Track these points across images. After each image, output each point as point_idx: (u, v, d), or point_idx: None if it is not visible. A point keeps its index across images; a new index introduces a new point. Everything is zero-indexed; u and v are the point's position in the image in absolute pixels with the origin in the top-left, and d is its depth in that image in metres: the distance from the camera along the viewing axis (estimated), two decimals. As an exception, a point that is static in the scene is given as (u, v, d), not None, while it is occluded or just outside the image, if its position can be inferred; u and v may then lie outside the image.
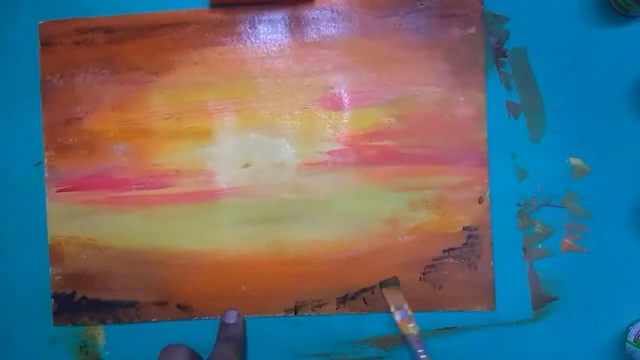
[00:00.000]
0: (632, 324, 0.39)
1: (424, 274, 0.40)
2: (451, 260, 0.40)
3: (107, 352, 0.42)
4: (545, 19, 0.41)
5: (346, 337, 0.41)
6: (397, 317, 0.38)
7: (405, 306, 0.38)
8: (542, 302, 0.40)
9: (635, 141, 0.40)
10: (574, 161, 0.40)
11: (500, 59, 0.41)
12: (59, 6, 0.42)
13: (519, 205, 0.41)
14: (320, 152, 0.41)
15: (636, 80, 0.40)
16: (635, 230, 0.40)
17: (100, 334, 0.42)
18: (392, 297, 0.39)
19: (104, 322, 0.42)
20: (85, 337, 0.42)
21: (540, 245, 0.40)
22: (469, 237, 0.40)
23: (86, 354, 0.42)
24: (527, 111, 0.41)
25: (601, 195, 0.40)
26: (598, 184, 0.40)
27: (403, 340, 0.38)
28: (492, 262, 0.40)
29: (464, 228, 0.40)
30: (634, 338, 0.38)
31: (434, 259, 0.40)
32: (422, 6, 0.41)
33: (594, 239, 0.40)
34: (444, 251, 0.40)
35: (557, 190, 0.40)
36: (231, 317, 0.40)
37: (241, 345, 0.40)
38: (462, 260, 0.40)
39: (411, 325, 0.38)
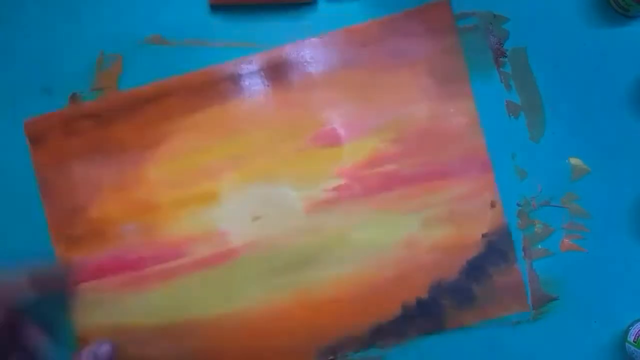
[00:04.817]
0: (632, 324, 0.39)
1: (454, 289, 0.40)
2: (477, 270, 0.40)
3: None
4: (545, 19, 0.40)
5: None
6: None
7: None
8: (542, 302, 0.40)
9: (635, 141, 0.40)
10: (574, 161, 0.40)
11: (500, 59, 0.41)
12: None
13: (519, 205, 0.41)
14: (325, 190, 0.41)
15: (636, 80, 0.40)
16: (635, 230, 0.40)
17: None
18: None
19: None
20: None
21: (540, 245, 0.40)
22: (489, 242, 0.40)
23: None
24: (527, 111, 0.41)
25: (601, 195, 0.40)
26: (598, 184, 0.40)
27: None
28: (516, 262, 0.40)
29: (482, 236, 0.40)
30: (634, 338, 0.37)
31: (460, 272, 0.40)
32: (395, 27, 0.41)
33: (594, 239, 0.40)
34: (467, 262, 0.40)
35: (557, 190, 0.40)
36: None
37: None
38: (488, 267, 0.40)
39: None
